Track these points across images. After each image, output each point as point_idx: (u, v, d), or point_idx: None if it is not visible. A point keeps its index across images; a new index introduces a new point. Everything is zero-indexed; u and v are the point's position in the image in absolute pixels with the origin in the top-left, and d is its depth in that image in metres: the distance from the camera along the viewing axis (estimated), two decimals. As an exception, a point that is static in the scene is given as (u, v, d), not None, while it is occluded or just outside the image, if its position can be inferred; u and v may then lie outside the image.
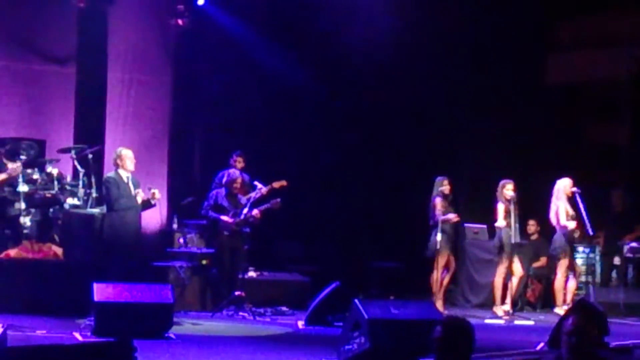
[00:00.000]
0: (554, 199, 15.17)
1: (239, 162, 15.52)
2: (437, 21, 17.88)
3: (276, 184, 15.10)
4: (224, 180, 14.78)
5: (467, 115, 18.04)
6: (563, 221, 15.02)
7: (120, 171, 13.21)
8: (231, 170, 14.94)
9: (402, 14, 17.43)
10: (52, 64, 17.25)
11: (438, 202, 15.20)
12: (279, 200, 14.47)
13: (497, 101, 18.11)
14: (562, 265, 15.17)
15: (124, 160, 13.23)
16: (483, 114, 18.02)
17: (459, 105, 18.05)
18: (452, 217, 15.23)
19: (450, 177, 15.50)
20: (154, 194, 13.19)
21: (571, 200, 15.09)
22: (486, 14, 17.75)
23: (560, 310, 14.49)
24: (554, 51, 19.07)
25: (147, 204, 13.28)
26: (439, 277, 15.11)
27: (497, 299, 15.09)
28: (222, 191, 14.65)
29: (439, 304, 14.76)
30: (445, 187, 15.28)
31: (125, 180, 13.17)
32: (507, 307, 14.87)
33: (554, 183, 15.30)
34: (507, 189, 14.86)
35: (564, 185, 15.18)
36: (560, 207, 15.07)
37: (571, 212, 15.07)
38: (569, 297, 15.10)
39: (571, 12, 18.75)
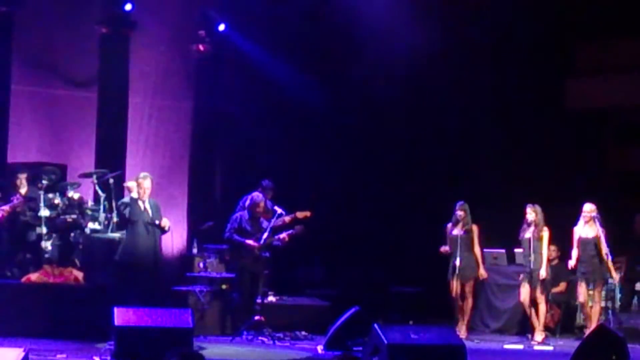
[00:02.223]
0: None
1: (269, 192, 15.35)
2: (457, 46, 17.91)
3: (300, 214, 14.92)
4: (247, 203, 14.56)
5: (489, 139, 18.02)
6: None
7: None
8: (255, 194, 14.63)
9: (423, 39, 17.43)
10: (73, 89, 17.38)
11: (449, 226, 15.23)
12: (302, 226, 14.46)
13: (520, 125, 18.10)
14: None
15: (132, 190, 13.24)
16: (505, 139, 18.01)
17: (481, 129, 18.04)
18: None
19: (471, 202, 15.42)
20: (163, 226, 13.19)
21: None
22: (510, 38, 17.78)
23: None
24: (577, 76, 19.03)
25: (162, 231, 13.33)
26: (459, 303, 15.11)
27: (535, 324, 14.96)
28: (246, 214, 14.46)
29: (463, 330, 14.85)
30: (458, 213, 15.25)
31: (141, 206, 13.10)
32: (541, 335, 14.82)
33: (575, 208, 15.16)
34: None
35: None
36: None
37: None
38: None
39: (596, 37, 18.73)
